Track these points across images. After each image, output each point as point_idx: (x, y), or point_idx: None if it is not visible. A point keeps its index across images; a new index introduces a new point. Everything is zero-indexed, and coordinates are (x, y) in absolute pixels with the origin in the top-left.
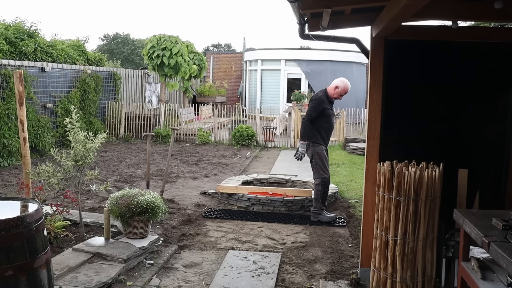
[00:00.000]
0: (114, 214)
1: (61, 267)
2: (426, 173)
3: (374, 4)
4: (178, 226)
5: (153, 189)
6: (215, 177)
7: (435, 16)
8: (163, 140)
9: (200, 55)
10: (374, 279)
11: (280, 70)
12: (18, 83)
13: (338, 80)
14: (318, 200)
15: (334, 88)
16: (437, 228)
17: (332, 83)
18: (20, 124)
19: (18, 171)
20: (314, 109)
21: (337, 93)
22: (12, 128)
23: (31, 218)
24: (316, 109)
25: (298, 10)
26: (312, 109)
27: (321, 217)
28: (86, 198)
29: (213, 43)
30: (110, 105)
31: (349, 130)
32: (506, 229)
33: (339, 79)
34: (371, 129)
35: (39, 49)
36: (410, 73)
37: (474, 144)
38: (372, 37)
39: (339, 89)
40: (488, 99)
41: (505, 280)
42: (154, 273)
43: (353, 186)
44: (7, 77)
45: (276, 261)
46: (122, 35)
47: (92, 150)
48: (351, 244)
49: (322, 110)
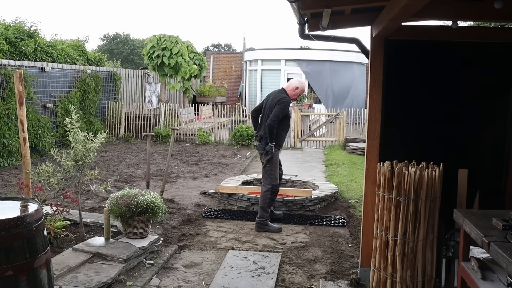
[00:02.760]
0: (114, 214)
1: (61, 267)
2: (426, 173)
3: (374, 4)
4: (178, 226)
5: (153, 189)
6: (215, 177)
7: (435, 16)
8: (163, 140)
9: (200, 55)
10: (374, 279)
11: (280, 70)
12: (18, 83)
13: (296, 81)
14: (266, 209)
15: (294, 89)
16: (437, 228)
17: (289, 84)
18: (20, 124)
19: (18, 171)
20: (282, 111)
21: (297, 94)
22: (12, 128)
23: (31, 218)
24: (283, 111)
25: (298, 10)
26: (281, 111)
27: (268, 227)
28: (86, 198)
29: (213, 43)
30: (110, 105)
31: (349, 130)
32: (506, 229)
33: (296, 80)
34: (371, 129)
35: (39, 49)
36: (410, 73)
37: (474, 144)
38: (372, 37)
39: (298, 90)
40: (488, 99)
41: (505, 280)
42: (154, 273)
43: (353, 186)
44: (7, 77)
45: (276, 261)
46: (122, 35)
47: (92, 150)
48: (351, 244)
49: (287, 113)
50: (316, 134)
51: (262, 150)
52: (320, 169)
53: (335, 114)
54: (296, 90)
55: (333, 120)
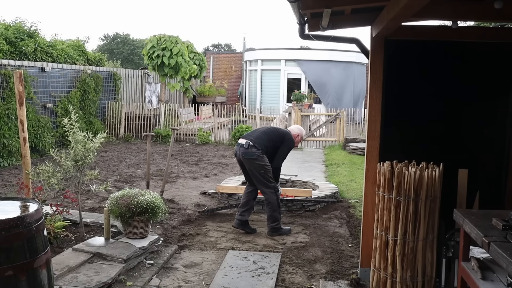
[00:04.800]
0: (114, 214)
1: (61, 267)
2: (426, 173)
3: (374, 4)
4: (178, 226)
5: (153, 189)
6: (215, 177)
7: (435, 16)
8: (163, 140)
9: (200, 55)
10: (374, 279)
11: (280, 70)
12: (18, 83)
13: (296, 128)
14: (278, 210)
15: (296, 136)
16: (437, 228)
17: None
18: (20, 124)
19: (18, 171)
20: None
21: (297, 141)
22: (12, 128)
23: (31, 218)
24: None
25: (298, 10)
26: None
27: (282, 230)
28: (86, 198)
29: (213, 43)
30: (110, 105)
31: (349, 130)
32: (506, 229)
33: (297, 128)
34: (371, 129)
35: (39, 49)
36: (410, 73)
37: (474, 144)
38: (372, 37)
39: (299, 138)
40: (488, 99)
41: (505, 280)
42: (154, 273)
43: (353, 186)
44: (7, 77)
45: (276, 261)
46: (122, 35)
47: (92, 150)
48: (351, 244)
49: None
50: (316, 134)
51: (252, 156)
52: (320, 169)
53: (335, 114)
54: (297, 137)
55: (333, 120)
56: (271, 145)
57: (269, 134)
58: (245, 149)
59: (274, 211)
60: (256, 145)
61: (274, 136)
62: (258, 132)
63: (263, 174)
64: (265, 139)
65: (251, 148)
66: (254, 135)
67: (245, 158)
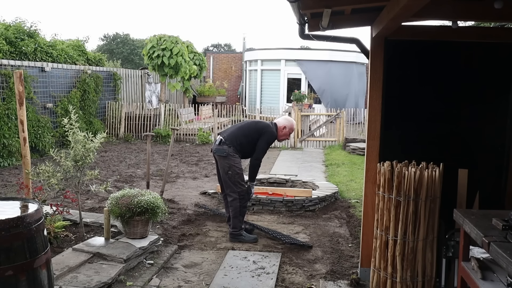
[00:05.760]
0: (114, 214)
1: (61, 267)
2: (426, 173)
3: (374, 4)
4: (178, 226)
5: (153, 189)
6: (215, 177)
7: (435, 16)
8: (163, 140)
9: (200, 55)
10: (374, 279)
11: (280, 70)
12: (18, 83)
13: (283, 119)
14: (238, 217)
15: (282, 129)
16: (437, 228)
17: (277, 122)
18: (20, 124)
19: (18, 171)
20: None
21: (285, 134)
22: (12, 128)
23: (31, 218)
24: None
25: (298, 10)
26: (267, 146)
27: (243, 238)
28: (86, 198)
29: (213, 43)
30: (110, 105)
31: (349, 130)
32: (506, 229)
33: (284, 119)
34: (371, 129)
35: (39, 49)
36: (410, 73)
37: (474, 144)
38: (372, 37)
39: (286, 130)
40: (488, 99)
41: (505, 280)
42: (154, 273)
43: (353, 186)
44: (7, 77)
45: (276, 261)
46: (122, 35)
47: (92, 150)
48: (351, 244)
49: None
50: (316, 134)
51: (222, 153)
52: (320, 169)
53: (335, 114)
54: (284, 129)
55: (333, 120)
56: (246, 141)
57: (245, 129)
58: (217, 146)
59: (235, 218)
60: (228, 141)
61: (251, 131)
62: (233, 128)
63: (230, 176)
64: (239, 134)
65: (223, 145)
66: (229, 131)
67: (216, 155)
